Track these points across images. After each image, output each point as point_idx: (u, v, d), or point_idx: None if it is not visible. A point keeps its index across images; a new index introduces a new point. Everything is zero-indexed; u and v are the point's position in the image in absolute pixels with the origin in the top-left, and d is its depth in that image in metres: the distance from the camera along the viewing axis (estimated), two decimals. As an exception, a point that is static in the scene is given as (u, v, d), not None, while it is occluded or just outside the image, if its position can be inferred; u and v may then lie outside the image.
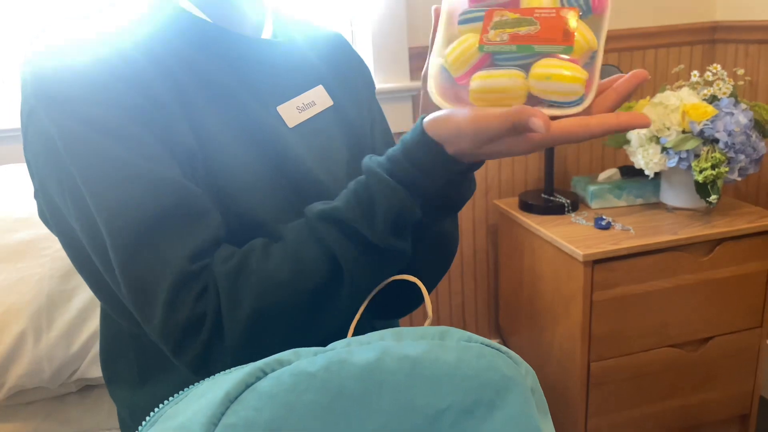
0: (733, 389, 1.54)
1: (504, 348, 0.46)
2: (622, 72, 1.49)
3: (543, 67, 0.49)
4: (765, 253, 1.45)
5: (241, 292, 0.52)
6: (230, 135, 0.61)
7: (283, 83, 0.69)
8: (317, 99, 0.72)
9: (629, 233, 1.39)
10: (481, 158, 0.53)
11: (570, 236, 1.40)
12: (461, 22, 0.53)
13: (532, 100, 0.50)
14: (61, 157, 0.54)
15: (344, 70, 0.79)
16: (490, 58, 0.51)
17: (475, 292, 1.82)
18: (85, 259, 0.61)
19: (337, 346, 0.42)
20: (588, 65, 0.50)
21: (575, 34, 0.49)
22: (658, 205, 1.55)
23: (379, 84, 1.57)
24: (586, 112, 0.49)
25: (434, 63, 0.54)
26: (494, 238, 1.78)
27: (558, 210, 1.54)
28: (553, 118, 0.49)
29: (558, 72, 0.48)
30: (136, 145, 0.54)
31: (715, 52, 1.81)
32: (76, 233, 0.59)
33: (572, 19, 0.50)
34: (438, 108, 0.53)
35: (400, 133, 1.63)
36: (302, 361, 0.40)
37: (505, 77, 0.50)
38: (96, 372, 1.04)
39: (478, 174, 1.71)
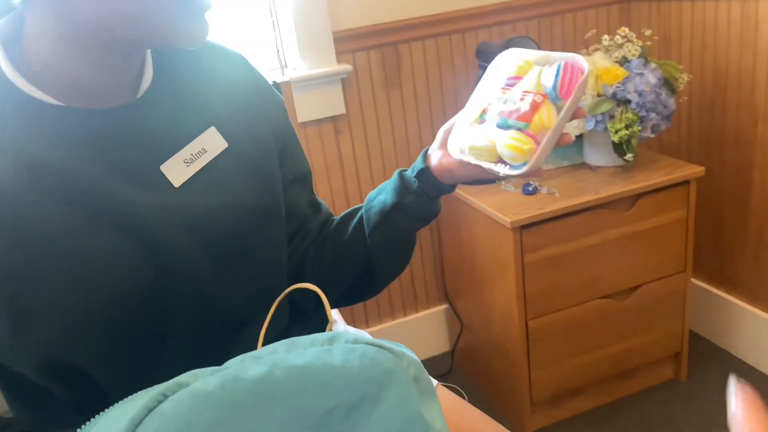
0: (664, 330, 1.65)
1: (387, 344, 0.52)
2: (537, 45, 1.55)
3: (508, 137, 0.67)
4: (683, 203, 1.54)
5: None
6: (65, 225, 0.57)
7: (163, 140, 0.64)
8: (208, 145, 0.67)
9: (554, 196, 1.47)
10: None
11: (499, 204, 1.47)
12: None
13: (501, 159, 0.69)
14: None
15: (242, 103, 0.73)
16: (483, 125, 0.72)
17: (422, 261, 1.90)
18: None
19: (231, 364, 0.48)
20: (540, 142, 0.67)
21: (534, 115, 0.67)
22: (583, 166, 1.63)
23: (307, 70, 1.59)
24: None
25: (459, 124, 0.74)
26: (435, 209, 1.84)
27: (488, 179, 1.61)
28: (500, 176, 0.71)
29: (511, 143, 0.66)
30: None
31: (630, 10, 1.88)
32: None
33: (540, 103, 0.67)
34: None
35: (333, 117, 1.67)
36: (199, 381, 0.45)
37: (484, 140, 0.69)
38: None
39: (418, 149, 1.77)
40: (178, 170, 0.64)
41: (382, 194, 0.79)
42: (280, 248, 0.75)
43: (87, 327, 0.59)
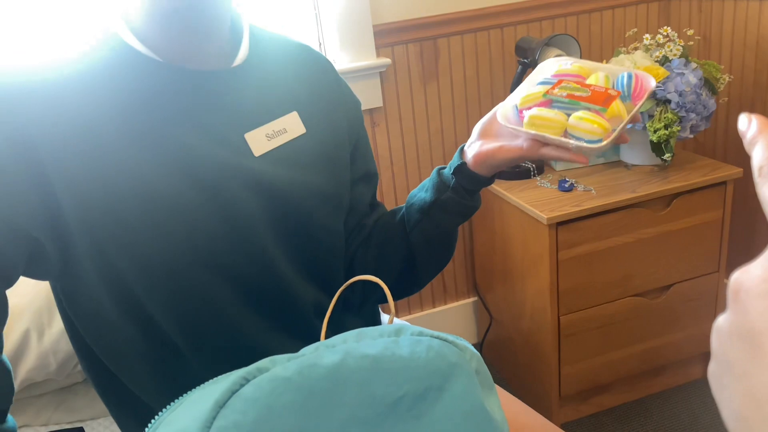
0: (695, 330, 1.66)
1: (452, 337, 0.54)
2: (578, 43, 1.55)
3: (581, 112, 0.69)
4: (719, 203, 1.54)
5: None
6: (159, 172, 0.62)
7: (251, 111, 0.69)
8: (289, 126, 0.72)
9: (590, 194, 1.48)
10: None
11: (535, 200, 1.48)
12: (539, 83, 0.75)
13: (566, 136, 0.69)
14: None
15: (325, 96, 0.78)
16: (549, 104, 0.72)
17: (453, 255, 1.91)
18: None
19: (307, 351, 0.50)
20: (614, 129, 0.69)
21: (612, 103, 0.69)
22: (619, 164, 1.64)
23: (347, 63, 1.62)
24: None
25: (508, 102, 0.75)
26: (467, 203, 1.86)
27: (525, 174, 1.62)
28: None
29: (590, 117, 0.68)
30: None
31: (671, 8, 1.86)
32: None
33: (613, 95, 0.70)
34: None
35: (370, 109, 1.69)
36: (278, 367, 0.48)
37: (552, 113, 0.70)
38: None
39: (453, 143, 1.79)
40: (259, 141, 0.69)
41: (421, 192, 0.82)
42: (338, 234, 0.78)
43: (155, 267, 0.63)
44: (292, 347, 0.73)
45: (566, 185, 1.52)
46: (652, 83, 0.73)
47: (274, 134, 0.70)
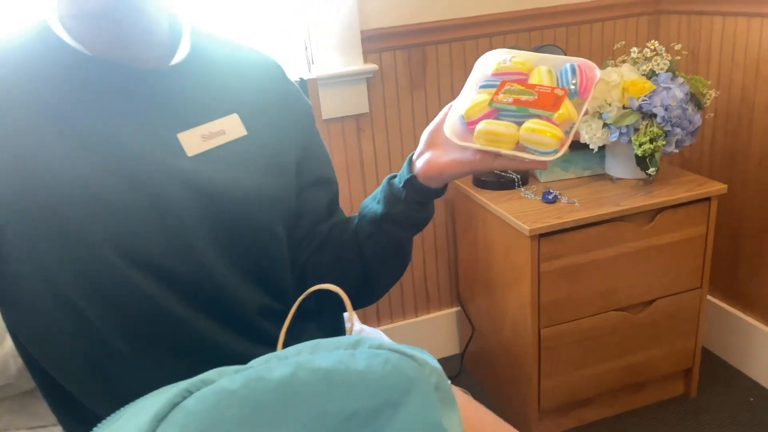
0: (677, 346, 1.65)
1: (410, 350, 0.52)
2: (564, 52, 1.54)
3: (532, 123, 0.66)
4: (703, 219, 1.53)
5: None
6: (83, 166, 0.61)
7: (186, 111, 0.69)
8: (228, 128, 0.71)
9: (574, 206, 1.47)
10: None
11: (518, 211, 1.47)
12: (482, 87, 0.72)
13: (518, 147, 0.67)
14: None
15: (270, 100, 0.77)
16: (496, 113, 0.69)
17: (436, 263, 1.90)
18: None
19: (256, 363, 0.48)
20: (566, 132, 0.66)
21: (561, 105, 0.66)
22: (604, 176, 1.62)
23: (334, 68, 1.60)
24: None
25: (453, 112, 0.72)
26: (452, 212, 1.84)
27: (509, 185, 1.61)
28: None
29: (541, 128, 0.65)
30: None
31: (660, 23, 1.86)
32: None
33: (561, 96, 0.67)
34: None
35: (356, 115, 1.67)
36: (224, 379, 0.46)
37: (502, 126, 0.67)
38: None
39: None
40: (194, 142, 0.68)
41: (373, 203, 0.80)
42: (281, 238, 0.76)
43: (89, 267, 0.61)
44: (240, 347, 0.72)
45: (550, 197, 1.50)
46: (597, 73, 0.70)
47: (210, 135, 0.69)
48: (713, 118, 1.74)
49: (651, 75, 1.48)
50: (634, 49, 1.51)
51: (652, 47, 1.49)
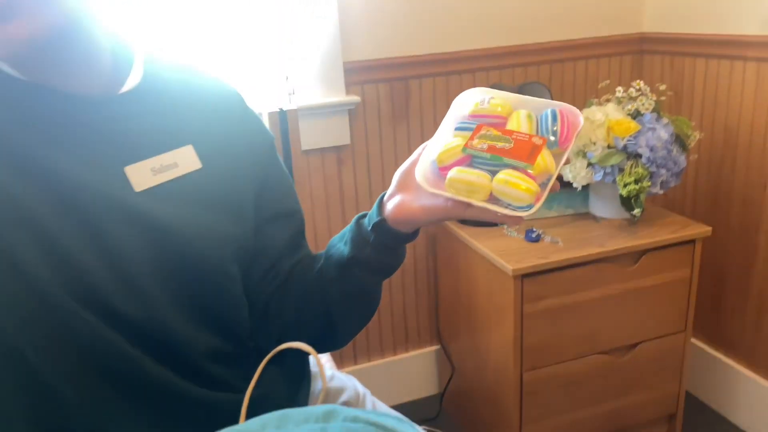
0: (661, 391, 1.61)
1: (391, 425, 0.47)
2: (549, 90, 1.53)
3: (506, 174, 0.61)
4: (687, 262, 1.51)
5: None
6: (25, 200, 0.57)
7: (135, 142, 0.65)
8: (181, 160, 0.67)
9: (558, 246, 1.43)
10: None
11: (501, 249, 1.43)
12: (457, 128, 0.68)
13: (492, 198, 0.62)
14: None
15: (227, 131, 0.73)
16: (469, 159, 0.65)
17: (416, 299, 1.85)
18: None
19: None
20: (543, 185, 0.62)
21: (538, 156, 0.61)
22: (588, 215, 1.60)
23: (315, 99, 1.57)
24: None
25: (426, 155, 0.67)
26: (434, 248, 1.80)
27: (492, 222, 1.57)
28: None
29: (515, 181, 0.60)
30: None
31: (643, 62, 1.86)
32: None
33: (539, 145, 0.62)
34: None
35: (337, 147, 1.63)
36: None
37: (475, 175, 0.62)
38: None
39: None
40: (142, 175, 0.64)
41: (341, 243, 0.75)
42: (235, 278, 0.71)
43: (25, 301, 0.57)
44: (191, 391, 0.66)
45: (533, 235, 1.47)
46: (580, 120, 0.66)
47: (161, 168, 0.65)
48: (696, 159, 1.73)
49: (636, 115, 1.46)
50: (619, 88, 1.50)
51: (638, 87, 1.47)
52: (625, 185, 1.41)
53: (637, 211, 1.42)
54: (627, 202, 1.43)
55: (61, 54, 0.60)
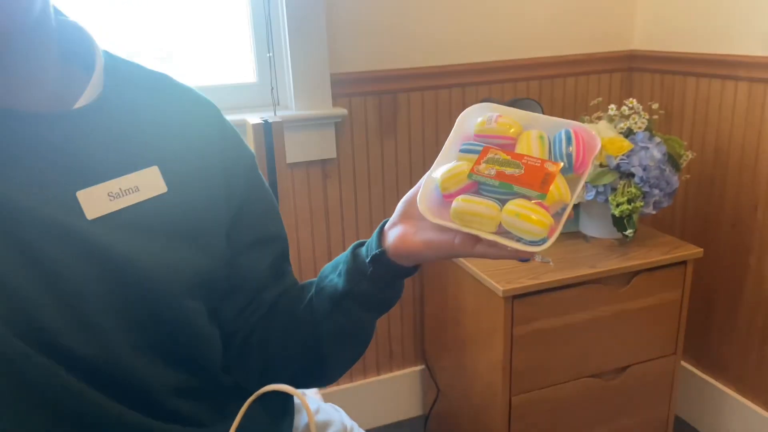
0: (650, 414, 1.57)
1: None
2: (541, 106, 1.50)
3: (516, 205, 0.55)
4: (678, 283, 1.48)
5: None
6: None
7: (91, 164, 0.58)
8: (144, 184, 0.60)
9: (548, 266, 1.40)
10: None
11: (491, 269, 1.39)
12: (462, 151, 0.62)
13: (501, 229, 0.56)
14: None
15: (200, 149, 0.66)
16: (476, 186, 0.59)
17: (401, 318, 1.80)
18: None
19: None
20: (557, 215, 0.56)
21: (551, 184, 0.56)
22: (578, 234, 1.57)
23: (301, 111, 1.52)
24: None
25: (430, 179, 0.61)
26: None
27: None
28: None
29: (526, 213, 0.55)
30: None
31: (633, 80, 1.85)
32: None
33: (553, 172, 0.57)
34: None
35: (323, 160, 1.59)
36: None
37: (482, 205, 0.56)
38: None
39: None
40: (97, 201, 0.57)
41: (334, 274, 0.69)
42: (201, 314, 0.65)
43: None
44: (153, 427, 0.60)
45: (524, 255, 1.43)
46: (597, 142, 0.60)
47: (120, 193, 0.58)
48: (687, 179, 1.71)
49: (628, 133, 1.44)
50: (612, 106, 1.47)
51: (630, 105, 1.45)
52: (617, 205, 1.38)
53: (629, 232, 1.40)
54: (619, 223, 1.40)
55: (4, 63, 0.54)
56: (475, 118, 0.65)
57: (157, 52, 1.48)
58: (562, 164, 0.58)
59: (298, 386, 0.75)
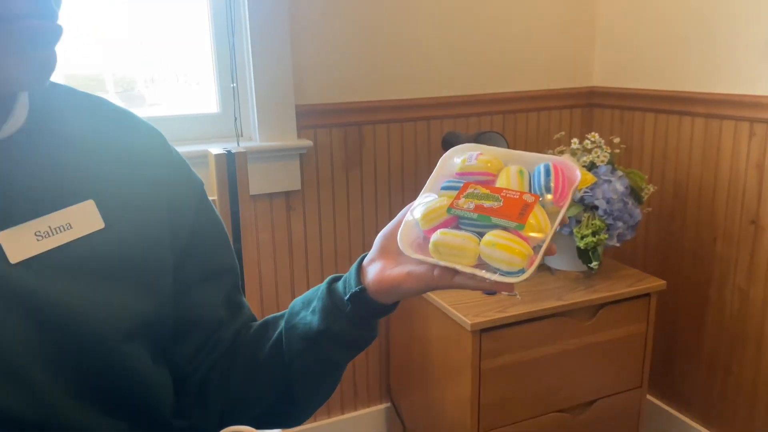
0: (617, 449, 1.56)
1: None
2: (506, 139, 1.51)
3: (493, 236, 0.55)
4: (643, 316, 1.49)
5: None
6: None
7: (14, 200, 0.52)
8: (77, 220, 0.54)
9: (515, 299, 1.39)
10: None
11: (458, 302, 1.38)
12: (443, 188, 0.62)
13: (480, 262, 0.56)
14: None
15: (142, 179, 0.61)
16: (455, 221, 0.58)
17: (366, 354, 1.76)
18: None
19: None
20: (537, 247, 0.55)
21: (529, 215, 0.56)
22: (542, 267, 1.57)
23: (266, 142, 1.50)
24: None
25: (409, 217, 0.61)
26: (385, 299, 1.73)
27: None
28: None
29: (504, 243, 0.54)
30: None
31: (593, 115, 1.89)
32: None
33: (531, 203, 0.57)
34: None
35: (287, 192, 1.56)
36: None
37: (461, 238, 0.56)
38: None
39: (373, 233, 1.68)
40: (22, 242, 0.51)
41: (306, 312, 0.64)
42: (143, 359, 0.60)
43: None
44: None
45: (491, 288, 1.42)
46: (577, 174, 0.60)
47: (50, 232, 0.53)
48: (648, 213, 1.74)
49: (591, 167, 1.46)
50: (575, 140, 1.50)
51: (593, 139, 1.47)
52: (582, 237, 1.39)
53: (594, 264, 1.40)
54: (584, 255, 1.41)
55: None
56: (457, 158, 0.64)
57: (119, 81, 1.45)
58: (540, 196, 0.58)
59: (261, 427, 0.71)
